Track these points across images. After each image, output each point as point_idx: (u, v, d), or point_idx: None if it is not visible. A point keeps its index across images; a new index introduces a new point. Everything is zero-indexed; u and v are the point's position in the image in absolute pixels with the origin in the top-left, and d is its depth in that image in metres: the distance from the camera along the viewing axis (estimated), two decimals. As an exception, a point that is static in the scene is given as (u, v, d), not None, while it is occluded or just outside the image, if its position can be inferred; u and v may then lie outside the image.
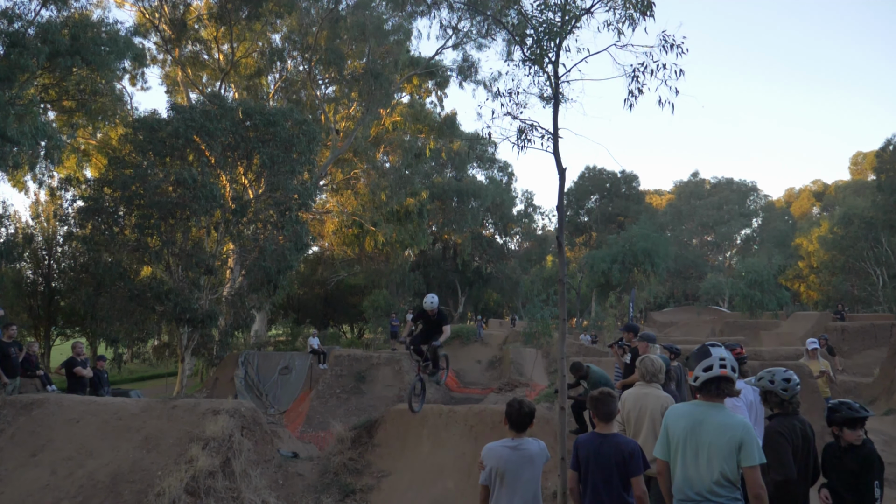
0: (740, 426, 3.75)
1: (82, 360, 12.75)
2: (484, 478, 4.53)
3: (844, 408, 4.55)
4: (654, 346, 7.96)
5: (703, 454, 3.77)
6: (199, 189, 20.64)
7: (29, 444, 9.86)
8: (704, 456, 3.76)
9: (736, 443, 3.70)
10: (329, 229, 41.07)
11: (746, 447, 3.69)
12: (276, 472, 10.29)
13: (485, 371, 28.88)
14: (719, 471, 3.70)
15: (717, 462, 3.72)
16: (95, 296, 21.58)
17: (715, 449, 3.74)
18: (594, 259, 38.19)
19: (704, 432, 3.79)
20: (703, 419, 3.83)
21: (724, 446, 3.72)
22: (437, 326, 9.33)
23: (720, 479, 3.71)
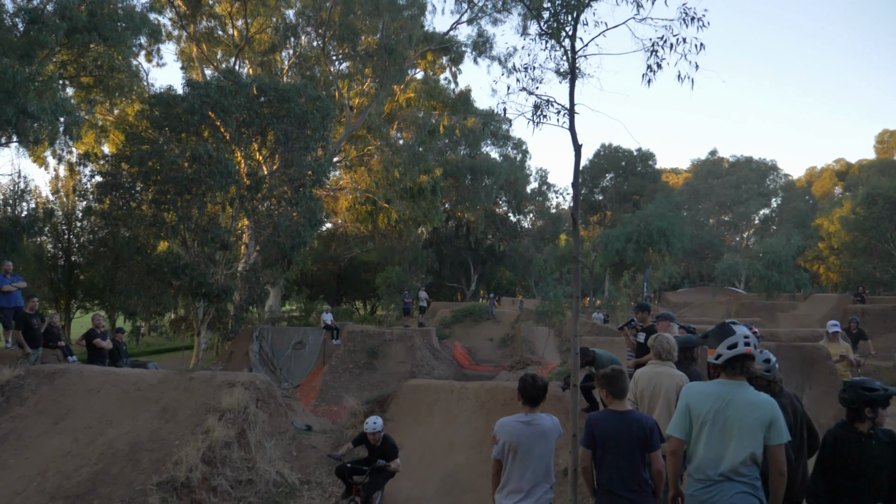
0: (768, 404, 3.75)
1: (102, 332, 13.00)
2: (497, 452, 4.56)
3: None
4: (673, 326, 7.98)
5: (731, 433, 3.75)
6: (214, 165, 20.76)
7: (52, 413, 10.12)
8: (733, 435, 3.74)
9: (766, 421, 3.70)
10: (342, 206, 41.19)
11: (776, 425, 3.70)
12: (290, 443, 10.48)
13: (496, 349, 29.02)
14: (749, 451, 3.70)
15: (748, 441, 3.71)
16: (114, 270, 21.89)
17: (744, 428, 3.72)
18: (608, 238, 38.05)
19: (733, 411, 3.76)
20: (730, 398, 3.80)
21: (754, 424, 3.71)
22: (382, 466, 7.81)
23: (747, 459, 3.70)
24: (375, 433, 7.91)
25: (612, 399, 4.47)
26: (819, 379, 11.82)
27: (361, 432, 8.09)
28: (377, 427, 7.93)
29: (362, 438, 8.03)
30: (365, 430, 7.94)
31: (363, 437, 8.01)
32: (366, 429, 7.93)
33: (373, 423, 7.93)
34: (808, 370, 12.52)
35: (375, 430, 7.90)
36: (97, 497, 8.19)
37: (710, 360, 4.02)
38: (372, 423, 7.94)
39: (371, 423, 7.95)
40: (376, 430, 7.92)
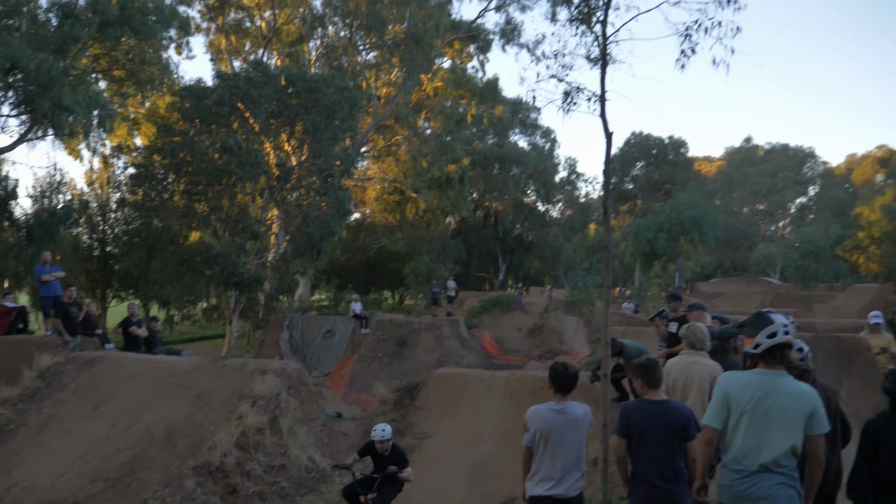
0: (809, 394, 3.68)
1: (137, 320, 13.29)
2: (528, 440, 4.56)
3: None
4: (706, 315, 7.87)
5: (772, 424, 3.68)
6: (244, 156, 21.02)
7: (91, 398, 10.37)
8: (774, 426, 3.67)
9: (807, 411, 3.64)
10: (371, 196, 41.35)
11: (817, 415, 3.64)
12: (321, 430, 10.60)
13: (525, 339, 28.91)
14: (791, 442, 3.63)
15: (789, 432, 3.64)
16: (147, 260, 22.35)
17: (786, 418, 3.66)
18: (639, 227, 37.62)
19: (774, 401, 3.69)
20: (770, 388, 3.72)
21: (795, 414, 3.65)
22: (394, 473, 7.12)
23: (788, 450, 3.64)
24: (384, 441, 7.20)
25: (648, 388, 4.42)
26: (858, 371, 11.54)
27: (367, 442, 7.47)
28: (385, 434, 7.23)
29: (369, 448, 7.38)
30: (372, 438, 7.25)
31: (370, 446, 7.36)
32: (373, 436, 7.24)
33: (381, 431, 7.24)
34: (846, 362, 12.23)
35: (384, 438, 7.19)
36: (135, 480, 8.39)
37: (748, 350, 3.94)
38: (380, 431, 7.24)
39: (379, 430, 7.27)
40: (384, 437, 7.21)
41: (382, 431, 7.24)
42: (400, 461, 7.22)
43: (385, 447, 7.23)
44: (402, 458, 7.30)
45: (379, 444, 7.20)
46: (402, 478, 7.15)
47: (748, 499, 3.65)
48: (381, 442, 7.19)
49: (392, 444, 7.32)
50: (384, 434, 7.21)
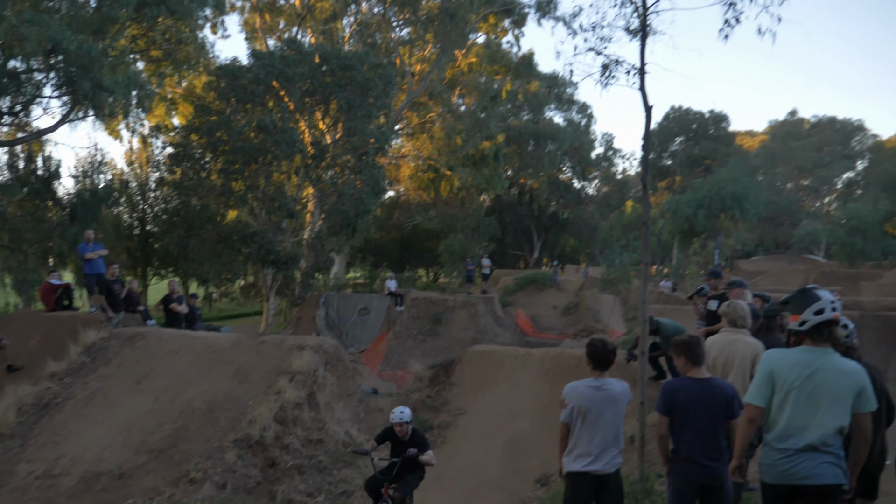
0: (857, 371, 3.58)
1: (177, 297, 13.56)
2: (565, 416, 4.51)
3: None
4: (746, 293, 7.68)
5: (821, 402, 3.57)
6: (279, 134, 21.16)
7: (134, 373, 10.64)
8: (822, 404, 3.57)
9: (856, 388, 3.53)
10: (405, 174, 41.34)
11: (865, 393, 3.54)
12: (358, 405, 10.70)
13: (560, 317, 28.76)
14: (840, 421, 3.54)
15: (838, 410, 3.55)
16: (186, 238, 22.76)
17: (834, 396, 3.55)
18: (678, 204, 36.86)
19: (822, 379, 3.58)
20: (818, 365, 3.61)
21: (844, 392, 3.54)
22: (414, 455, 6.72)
23: (836, 429, 3.55)
24: (402, 424, 6.79)
25: (691, 366, 4.33)
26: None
27: (386, 427, 7.06)
28: (404, 417, 6.82)
29: (388, 433, 6.99)
30: (391, 421, 6.84)
31: (389, 431, 6.96)
32: (392, 419, 6.82)
33: (399, 413, 6.83)
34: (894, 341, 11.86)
35: (402, 421, 6.79)
36: (178, 452, 8.59)
37: (793, 327, 3.82)
38: (398, 413, 6.83)
39: (397, 412, 6.85)
40: (403, 420, 6.79)
41: (401, 414, 6.82)
42: (420, 445, 6.84)
43: (404, 430, 6.82)
44: (423, 442, 6.92)
45: (398, 427, 6.80)
46: (423, 461, 6.70)
47: (793, 477, 3.57)
48: (400, 425, 6.79)
49: (412, 428, 6.94)
50: (402, 417, 6.80)
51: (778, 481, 3.64)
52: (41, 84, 16.29)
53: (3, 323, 13.45)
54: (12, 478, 8.42)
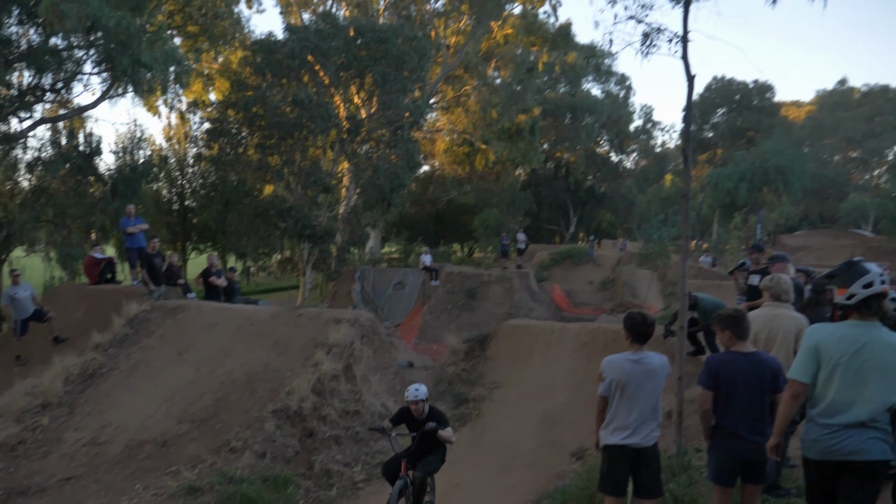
0: None
1: (216, 270, 13.78)
2: (603, 389, 4.48)
3: None
4: (789, 267, 7.48)
5: (869, 378, 3.47)
6: (314, 109, 21.18)
7: (176, 345, 10.87)
8: (870, 380, 3.46)
9: None
10: (440, 148, 41.13)
11: None
12: (394, 378, 10.77)
13: (596, 292, 28.52)
14: (889, 397, 3.44)
15: (888, 386, 3.44)
16: (224, 213, 23.12)
17: (885, 371, 3.45)
18: (719, 177, 35.89)
19: (871, 354, 3.48)
20: (866, 340, 3.50)
21: (894, 367, 3.44)
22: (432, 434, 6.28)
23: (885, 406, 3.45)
24: (418, 401, 6.35)
25: (736, 340, 4.26)
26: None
27: (401, 408, 6.68)
28: (420, 394, 6.35)
29: (403, 413, 6.58)
30: (406, 399, 6.43)
31: (404, 411, 6.57)
32: (406, 397, 6.40)
33: (414, 391, 6.39)
34: (946, 317, 11.42)
35: (417, 398, 6.33)
36: (219, 422, 8.77)
37: (840, 301, 3.70)
38: (413, 391, 6.39)
39: (412, 390, 6.41)
40: (418, 397, 6.33)
41: (416, 391, 6.38)
42: (439, 422, 6.38)
43: (420, 409, 6.37)
44: (442, 419, 6.44)
45: (413, 405, 6.36)
46: (442, 437, 6.25)
47: (838, 453, 3.49)
48: (416, 403, 6.34)
49: (429, 406, 6.47)
50: (417, 394, 6.35)
51: (822, 457, 3.57)
52: (81, 61, 16.55)
53: (49, 296, 13.89)
54: (61, 445, 8.71)
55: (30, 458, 8.51)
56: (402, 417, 6.52)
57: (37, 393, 9.80)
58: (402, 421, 6.51)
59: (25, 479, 7.92)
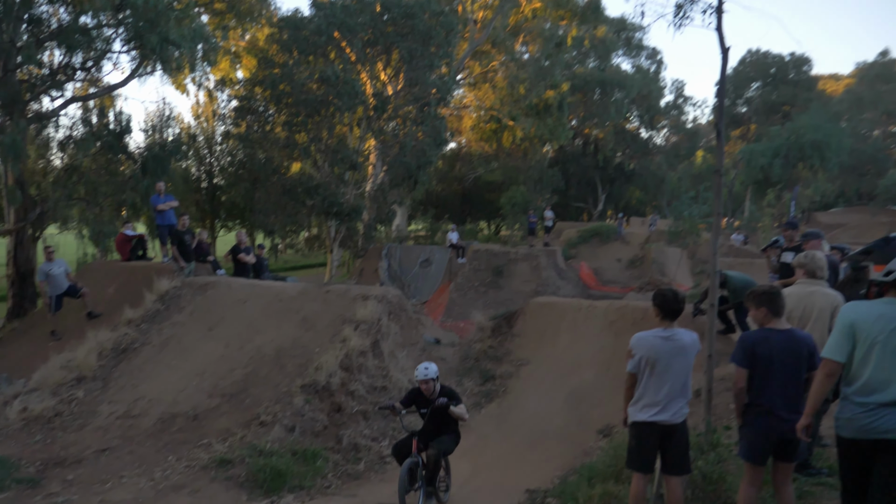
0: None
1: (245, 247, 13.92)
2: (632, 366, 4.44)
3: None
4: (823, 244, 7.30)
5: None
6: (341, 86, 21.14)
7: (206, 320, 11.04)
8: None
9: None
10: (467, 125, 40.83)
11: None
12: (421, 354, 10.79)
13: (624, 270, 28.23)
14: None
15: None
16: (252, 190, 23.29)
17: None
18: (752, 153, 35.09)
19: None
20: None
21: None
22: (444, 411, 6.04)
23: None
24: (428, 380, 6.06)
25: (772, 317, 4.18)
26: None
27: (411, 389, 6.44)
28: (430, 373, 6.06)
29: (414, 394, 6.33)
30: (415, 378, 6.15)
31: (414, 392, 6.33)
32: (416, 376, 6.12)
33: (423, 370, 6.09)
34: None
35: (427, 377, 6.05)
36: (249, 396, 8.91)
37: (877, 278, 3.65)
38: (423, 370, 6.10)
39: (422, 369, 6.11)
40: (429, 376, 6.05)
41: (426, 370, 6.09)
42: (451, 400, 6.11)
43: (430, 388, 6.10)
44: (454, 396, 6.17)
45: (423, 384, 6.09)
46: (454, 413, 5.98)
47: (875, 431, 3.45)
48: (426, 382, 6.06)
49: (440, 385, 6.21)
50: (427, 373, 6.06)
51: (857, 436, 3.52)
52: (110, 39, 16.66)
53: (82, 272, 14.18)
54: (95, 417, 8.94)
55: (66, 429, 8.75)
56: (413, 398, 6.29)
57: (72, 367, 10.05)
58: (413, 402, 6.29)
59: (62, 451, 8.14)
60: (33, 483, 7.22)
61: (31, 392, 9.61)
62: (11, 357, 11.65)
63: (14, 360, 11.46)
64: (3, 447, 8.27)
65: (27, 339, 12.36)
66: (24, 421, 8.96)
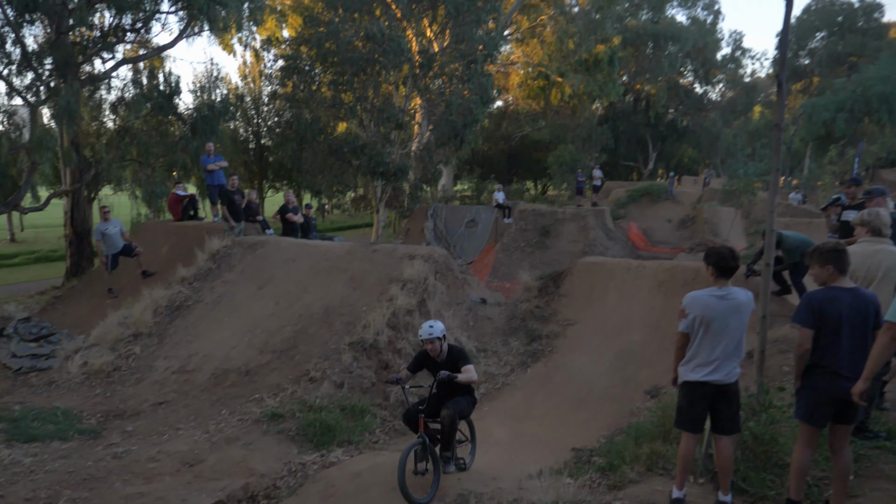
0: None
1: (293, 207, 14.07)
2: (685, 325, 4.33)
3: None
4: (888, 202, 6.94)
5: None
6: (386, 43, 20.87)
7: (256, 279, 11.27)
8: None
9: None
10: (514, 82, 40.02)
11: None
12: (467, 314, 10.82)
13: (675, 230, 27.60)
14: None
15: None
16: (299, 151, 23.40)
17: None
18: (814, 108, 33.43)
19: None
20: None
21: None
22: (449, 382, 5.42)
23: None
24: (433, 339, 5.46)
25: (838, 276, 4.05)
26: None
27: (418, 352, 5.81)
28: (434, 332, 5.45)
29: (422, 357, 5.72)
30: (420, 337, 5.56)
31: (422, 354, 5.71)
32: (420, 335, 5.54)
33: (428, 328, 5.48)
34: None
35: (432, 336, 5.44)
36: (298, 353, 9.10)
37: None
38: (427, 328, 5.49)
39: (426, 327, 5.50)
40: (433, 334, 5.44)
41: (430, 328, 5.47)
42: (459, 361, 5.53)
43: (437, 348, 5.52)
44: (462, 357, 5.57)
45: (429, 345, 5.50)
46: (462, 381, 5.39)
47: None
48: (431, 342, 5.47)
49: (447, 345, 5.63)
50: (432, 331, 5.45)
51: None
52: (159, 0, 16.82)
53: (136, 232, 14.61)
54: (152, 372, 9.29)
55: (124, 384, 9.13)
56: (422, 361, 5.72)
57: (129, 323, 10.43)
58: (421, 365, 5.73)
59: (121, 403, 8.51)
60: (95, 434, 7.59)
61: (90, 347, 10.06)
62: (71, 314, 12.17)
63: (74, 316, 11.97)
64: (66, 400, 8.70)
65: (86, 297, 12.87)
66: (85, 375, 9.40)
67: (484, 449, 6.68)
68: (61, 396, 8.87)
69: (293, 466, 6.50)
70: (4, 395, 9.02)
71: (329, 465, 6.36)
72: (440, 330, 5.50)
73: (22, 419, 7.72)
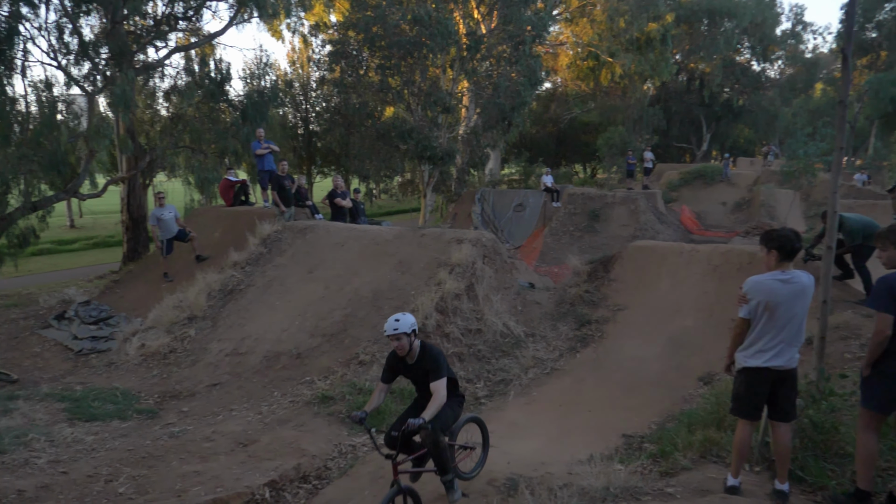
0: None
1: (342, 192, 14.20)
2: (746, 311, 4.19)
3: None
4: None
5: None
6: (434, 26, 20.77)
7: (306, 263, 11.44)
8: None
9: None
10: (563, 63, 39.37)
11: None
12: (515, 298, 10.75)
13: (730, 213, 26.79)
14: None
15: None
16: (347, 136, 23.61)
17: None
18: (881, 83, 31.86)
19: None
20: None
21: None
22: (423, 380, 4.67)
23: None
24: (399, 335, 4.55)
25: None
26: None
27: (388, 355, 4.85)
28: (401, 327, 4.54)
29: (392, 360, 4.80)
30: (384, 333, 4.62)
31: (391, 358, 4.81)
32: (385, 330, 4.60)
33: (394, 322, 4.57)
34: None
35: (398, 331, 4.53)
36: (348, 336, 9.22)
37: None
38: (392, 322, 4.58)
39: (391, 321, 4.60)
40: (399, 329, 4.53)
41: (395, 322, 4.57)
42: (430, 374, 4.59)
43: (404, 347, 4.59)
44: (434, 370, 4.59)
45: (395, 341, 4.58)
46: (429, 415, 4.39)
47: None
48: (397, 338, 4.55)
49: (419, 343, 4.71)
50: (398, 327, 4.54)
51: None
52: (209, -13, 17.10)
53: (189, 217, 15.00)
54: (206, 354, 9.55)
55: (180, 365, 9.42)
56: (393, 366, 4.81)
57: (183, 307, 10.75)
58: (395, 371, 4.82)
59: (177, 385, 8.78)
60: (152, 414, 7.86)
61: (147, 330, 10.41)
62: (128, 297, 12.61)
63: (131, 300, 12.41)
64: (125, 380, 9.04)
65: (142, 281, 13.32)
66: (143, 357, 9.74)
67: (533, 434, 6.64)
68: (120, 377, 9.22)
69: (343, 448, 6.61)
70: (67, 376, 9.43)
71: (379, 447, 6.42)
72: (408, 324, 4.57)
73: (83, 399, 8.05)
